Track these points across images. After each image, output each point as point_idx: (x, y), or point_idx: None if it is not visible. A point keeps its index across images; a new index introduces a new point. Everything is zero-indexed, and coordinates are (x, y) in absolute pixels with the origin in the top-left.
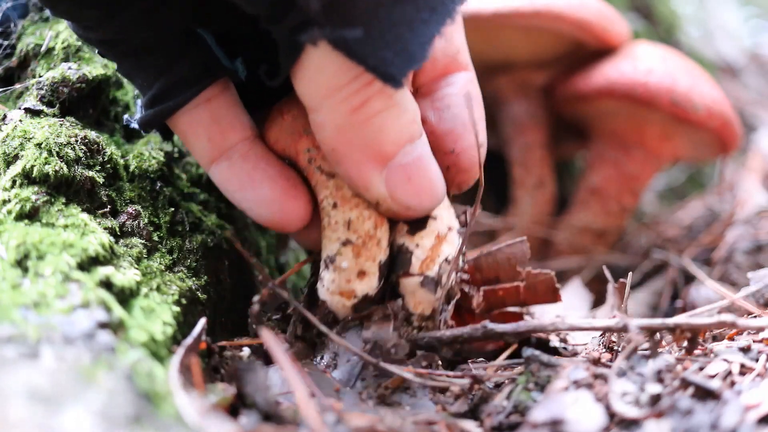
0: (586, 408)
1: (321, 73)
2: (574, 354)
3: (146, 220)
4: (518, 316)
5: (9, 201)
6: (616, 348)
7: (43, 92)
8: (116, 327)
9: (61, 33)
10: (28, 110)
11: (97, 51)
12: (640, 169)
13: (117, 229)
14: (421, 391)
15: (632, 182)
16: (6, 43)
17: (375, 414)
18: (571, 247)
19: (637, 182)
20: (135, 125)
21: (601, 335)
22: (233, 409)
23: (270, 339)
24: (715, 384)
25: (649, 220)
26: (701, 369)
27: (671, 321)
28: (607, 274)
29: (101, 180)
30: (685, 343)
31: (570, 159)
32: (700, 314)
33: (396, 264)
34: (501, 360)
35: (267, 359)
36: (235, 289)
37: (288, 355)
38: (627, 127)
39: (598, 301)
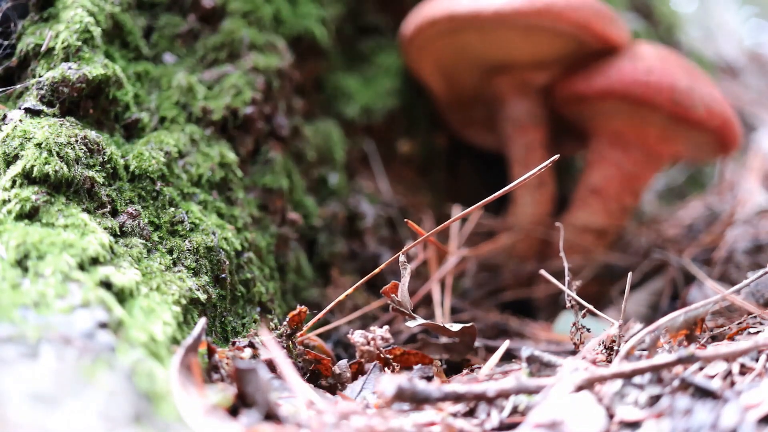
0: (586, 409)
1: None
2: (574, 353)
3: (146, 220)
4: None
5: (9, 201)
6: (615, 348)
7: (43, 92)
8: (116, 327)
9: (61, 33)
10: (28, 110)
11: None
12: (641, 169)
13: (117, 229)
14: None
15: (633, 182)
16: (6, 43)
17: (376, 415)
18: (571, 247)
19: (638, 182)
20: None
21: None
22: (233, 409)
23: (273, 347)
24: (715, 384)
25: (649, 220)
26: (701, 369)
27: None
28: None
29: (101, 180)
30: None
31: (570, 159)
32: (696, 308)
33: None
34: (493, 363)
35: (271, 367)
36: (235, 289)
37: (291, 362)
38: (627, 127)
39: (599, 301)
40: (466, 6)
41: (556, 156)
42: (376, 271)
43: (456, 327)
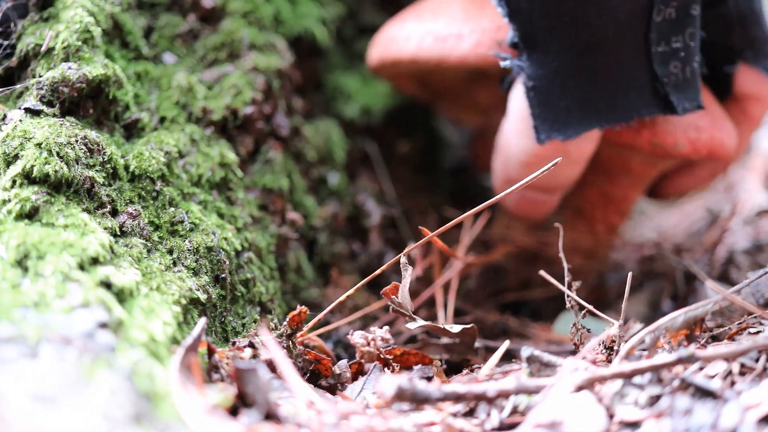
0: (586, 409)
1: None
2: (574, 353)
3: (146, 220)
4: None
5: (9, 201)
6: (615, 348)
7: (43, 92)
8: (116, 327)
9: (61, 33)
10: (28, 110)
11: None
12: (627, 192)
13: (117, 229)
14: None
15: (618, 204)
16: (6, 43)
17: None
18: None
19: (624, 203)
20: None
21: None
22: (233, 409)
23: (273, 347)
24: (715, 384)
25: (648, 220)
26: (701, 369)
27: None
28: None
29: (101, 180)
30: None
31: None
32: (696, 308)
33: None
34: (493, 363)
35: (271, 367)
36: (235, 288)
37: (291, 362)
38: (610, 158)
39: (598, 302)
40: (395, 51)
41: (558, 159)
42: (377, 272)
43: (456, 328)
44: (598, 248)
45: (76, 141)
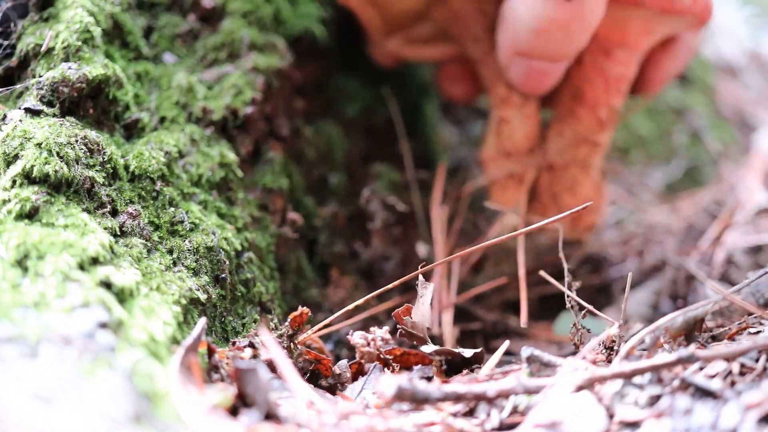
0: (586, 409)
1: None
2: (574, 353)
3: (146, 220)
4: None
5: (9, 201)
6: (615, 348)
7: (43, 92)
8: (116, 327)
9: (61, 33)
10: (28, 110)
11: None
12: (625, 68)
13: (117, 229)
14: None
15: (618, 83)
16: (6, 43)
17: (376, 415)
18: (566, 160)
19: (623, 81)
20: None
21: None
22: (233, 409)
23: (273, 347)
24: (715, 384)
25: (648, 218)
26: (701, 369)
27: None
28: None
29: (101, 180)
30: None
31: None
32: (696, 308)
33: None
34: (493, 363)
35: (271, 367)
36: (235, 288)
37: (291, 362)
38: (608, 29)
39: (598, 303)
40: None
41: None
42: (390, 286)
43: (468, 353)
44: (602, 137)
45: (76, 141)
